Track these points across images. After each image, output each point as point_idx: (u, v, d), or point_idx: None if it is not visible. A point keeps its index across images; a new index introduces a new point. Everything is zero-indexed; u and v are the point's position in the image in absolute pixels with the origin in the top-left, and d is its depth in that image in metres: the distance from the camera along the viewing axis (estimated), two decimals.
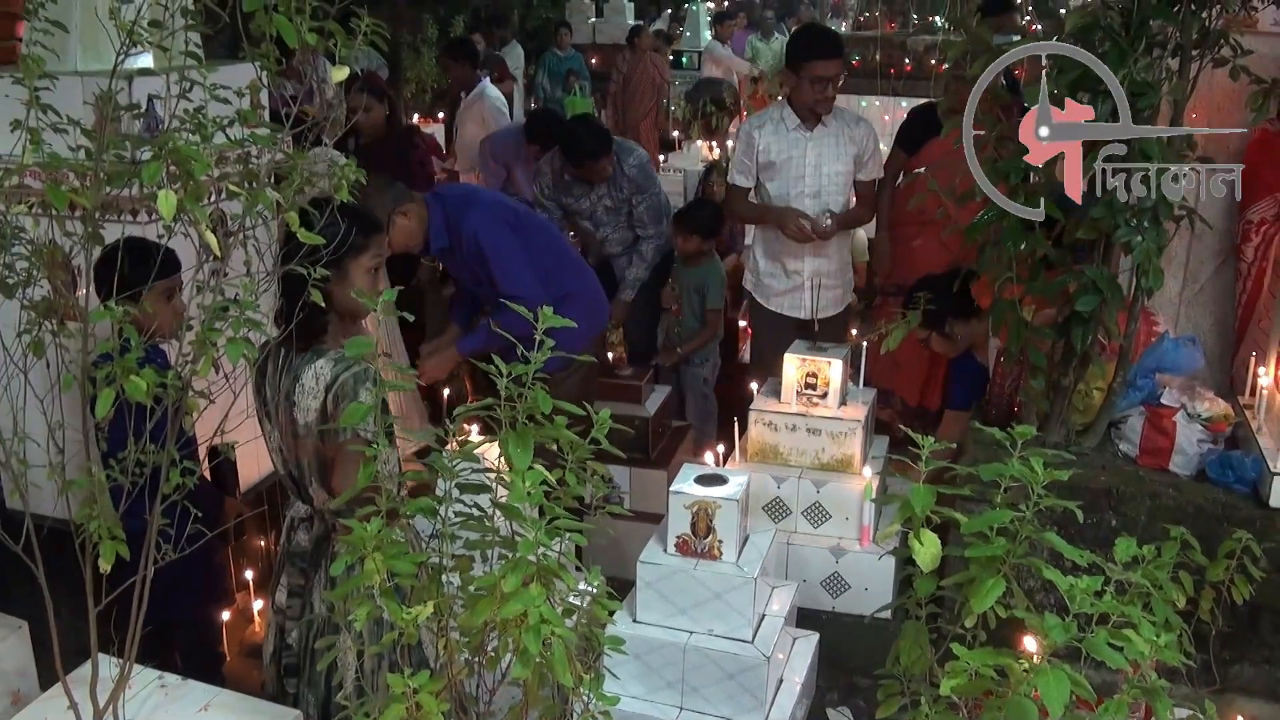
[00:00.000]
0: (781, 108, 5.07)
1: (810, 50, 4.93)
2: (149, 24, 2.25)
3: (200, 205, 2.14)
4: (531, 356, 1.90)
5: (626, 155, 5.96)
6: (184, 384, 2.30)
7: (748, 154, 5.06)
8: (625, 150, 5.99)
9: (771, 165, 5.00)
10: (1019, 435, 1.45)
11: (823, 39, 5.15)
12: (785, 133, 4.99)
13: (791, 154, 4.99)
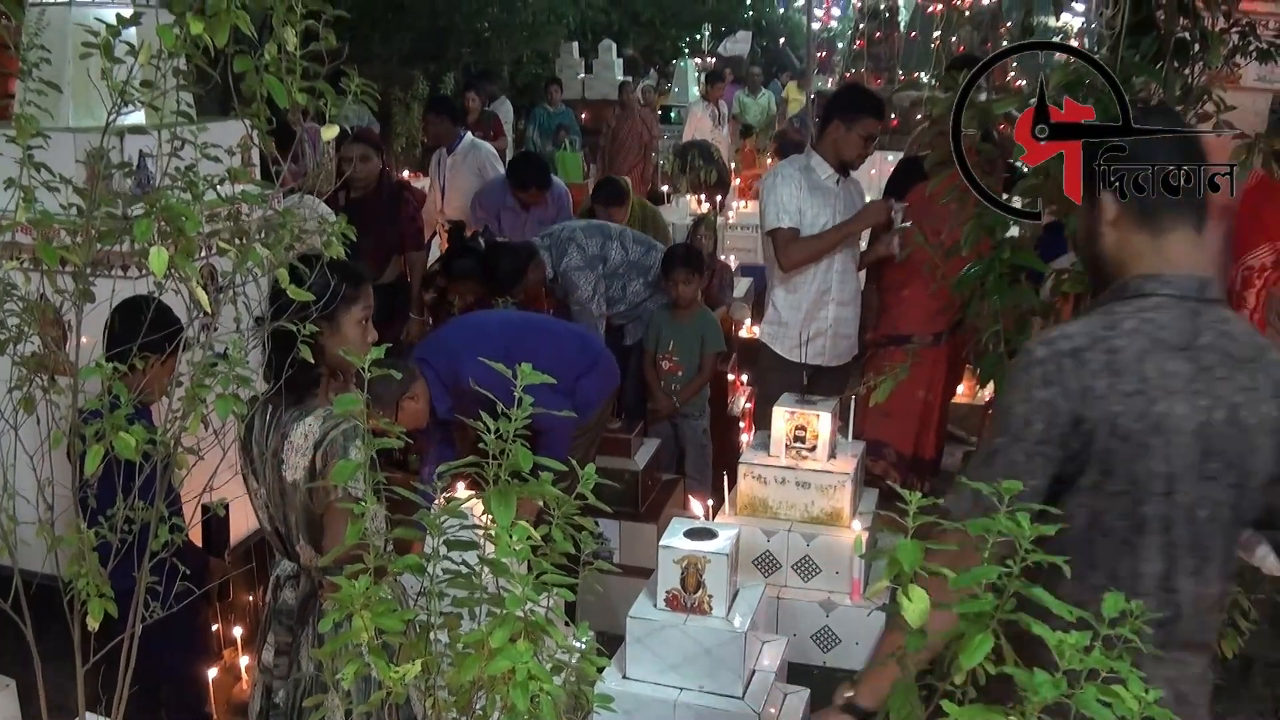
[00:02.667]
0: (809, 157, 5.18)
1: (868, 108, 5.11)
2: (140, 84, 2.27)
3: (191, 262, 2.15)
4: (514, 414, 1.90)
5: (560, 259, 5.96)
6: (173, 440, 2.30)
7: (791, 195, 5.09)
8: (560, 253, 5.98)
9: (801, 212, 5.07)
10: (1006, 490, 1.45)
11: (875, 99, 5.40)
12: (818, 182, 5.09)
13: (823, 203, 5.07)
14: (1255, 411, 2.03)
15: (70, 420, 2.26)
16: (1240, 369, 2.04)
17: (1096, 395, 2.01)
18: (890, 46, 15.13)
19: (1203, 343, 2.04)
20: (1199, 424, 2.01)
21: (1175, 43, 3.44)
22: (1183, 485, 2.02)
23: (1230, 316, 2.12)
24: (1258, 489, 2.08)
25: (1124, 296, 2.12)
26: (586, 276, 5.89)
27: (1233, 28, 3.62)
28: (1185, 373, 2.02)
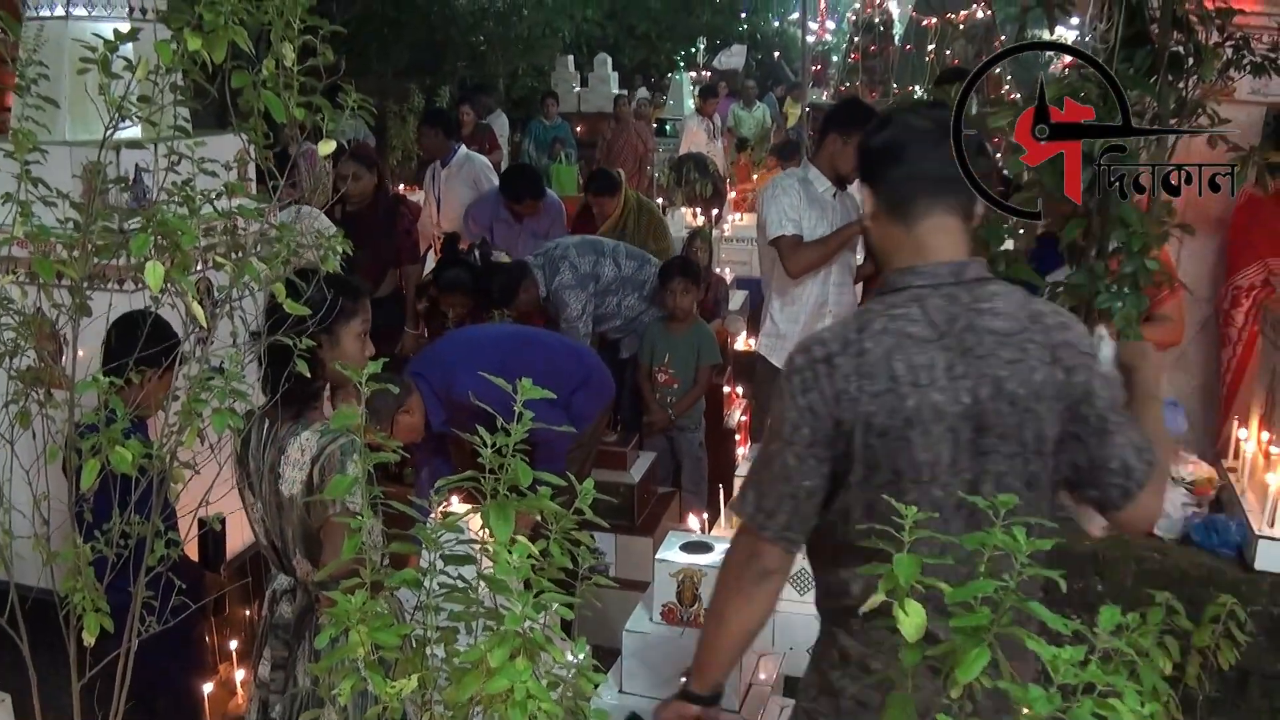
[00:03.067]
0: (806, 170, 5.19)
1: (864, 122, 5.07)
2: (138, 99, 2.27)
3: (187, 277, 2.15)
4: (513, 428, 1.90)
5: (552, 277, 5.96)
6: (169, 454, 2.30)
7: (792, 205, 5.09)
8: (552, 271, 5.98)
9: (798, 222, 5.07)
10: (1001, 504, 1.45)
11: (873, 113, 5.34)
12: (815, 194, 5.09)
13: (821, 215, 5.08)
14: (1026, 381, 2.09)
15: (66, 434, 2.26)
16: (1005, 344, 2.10)
17: (850, 398, 2.09)
18: (885, 60, 15.19)
19: (960, 327, 2.11)
20: (964, 406, 2.08)
21: (1169, 56, 3.45)
22: (955, 467, 2.09)
23: (999, 292, 2.17)
24: (1048, 453, 2.13)
25: (883, 292, 2.20)
26: (577, 295, 5.89)
27: (1226, 41, 3.63)
28: (940, 362, 2.09)
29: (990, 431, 2.09)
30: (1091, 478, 2.16)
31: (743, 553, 2.27)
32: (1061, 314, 2.23)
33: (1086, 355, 2.16)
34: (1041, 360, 2.11)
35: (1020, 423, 2.10)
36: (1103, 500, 2.18)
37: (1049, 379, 2.11)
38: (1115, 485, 2.14)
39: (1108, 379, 2.21)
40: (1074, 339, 2.16)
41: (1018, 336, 2.12)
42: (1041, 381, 2.10)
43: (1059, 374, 2.11)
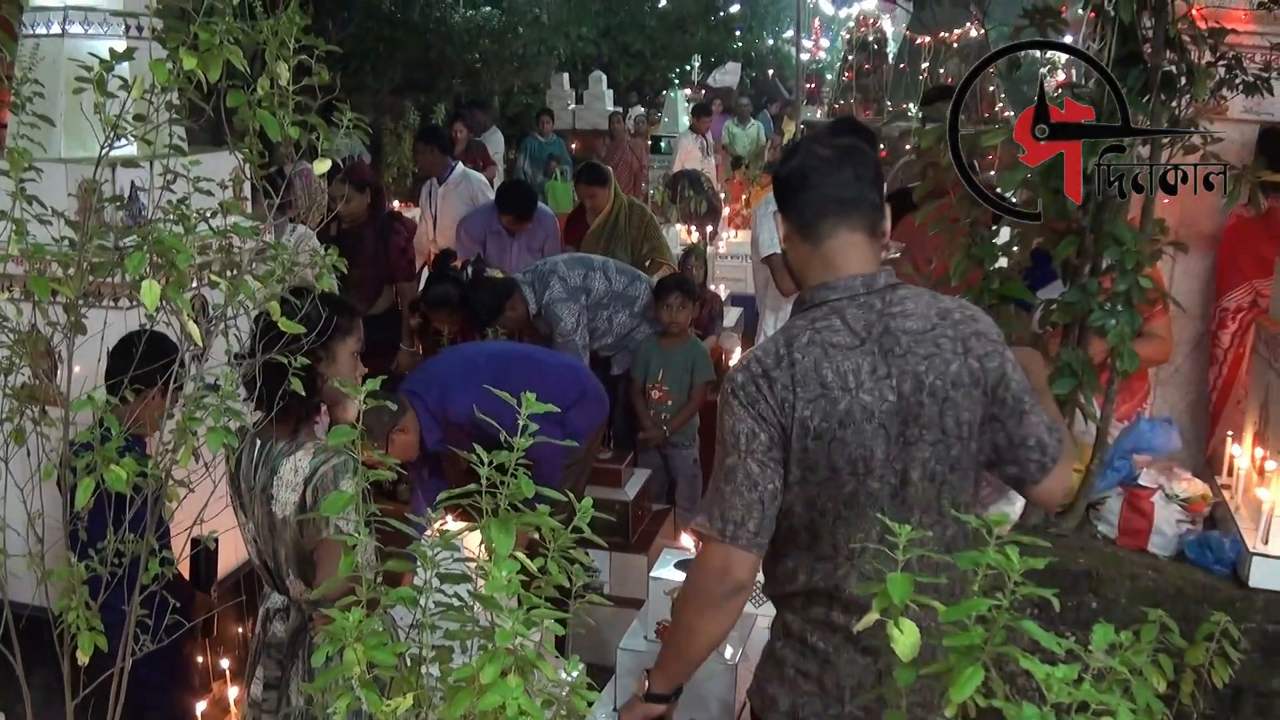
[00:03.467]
0: None
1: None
2: (134, 118, 2.28)
3: (183, 295, 2.16)
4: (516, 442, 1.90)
5: (542, 292, 5.96)
6: (164, 473, 2.30)
7: None
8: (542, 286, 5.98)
9: None
10: (994, 523, 1.46)
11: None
12: None
13: None
14: (943, 374, 2.28)
15: (61, 452, 2.26)
16: (920, 341, 2.29)
17: (789, 406, 2.28)
18: (879, 78, 15.24)
19: (878, 331, 2.30)
20: (890, 403, 2.27)
21: (1162, 76, 3.47)
22: (888, 460, 2.28)
23: (908, 295, 2.36)
24: (970, 437, 2.31)
25: (804, 309, 2.39)
26: (569, 308, 5.89)
27: (1219, 61, 3.64)
28: (865, 366, 2.28)
29: (915, 423, 2.28)
30: (1011, 455, 2.35)
31: (716, 567, 2.36)
32: (968, 308, 2.40)
33: (996, 343, 2.35)
34: (955, 353, 2.30)
35: (940, 412, 2.28)
36: (1022, 475, 2.37)
37: (963, 369, 2.29)
38: (1033, 460, 2.34)
39: (1016, 364, 2.37)
40: (983, 329, 2.35)
41: (930, 333, 2.30)
42: (957, 372, 2.29)
43: (973, 363, 2.30)
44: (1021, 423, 2.33)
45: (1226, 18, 4.02)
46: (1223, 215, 4.32)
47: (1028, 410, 2.33)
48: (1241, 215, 3.88)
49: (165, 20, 2.24)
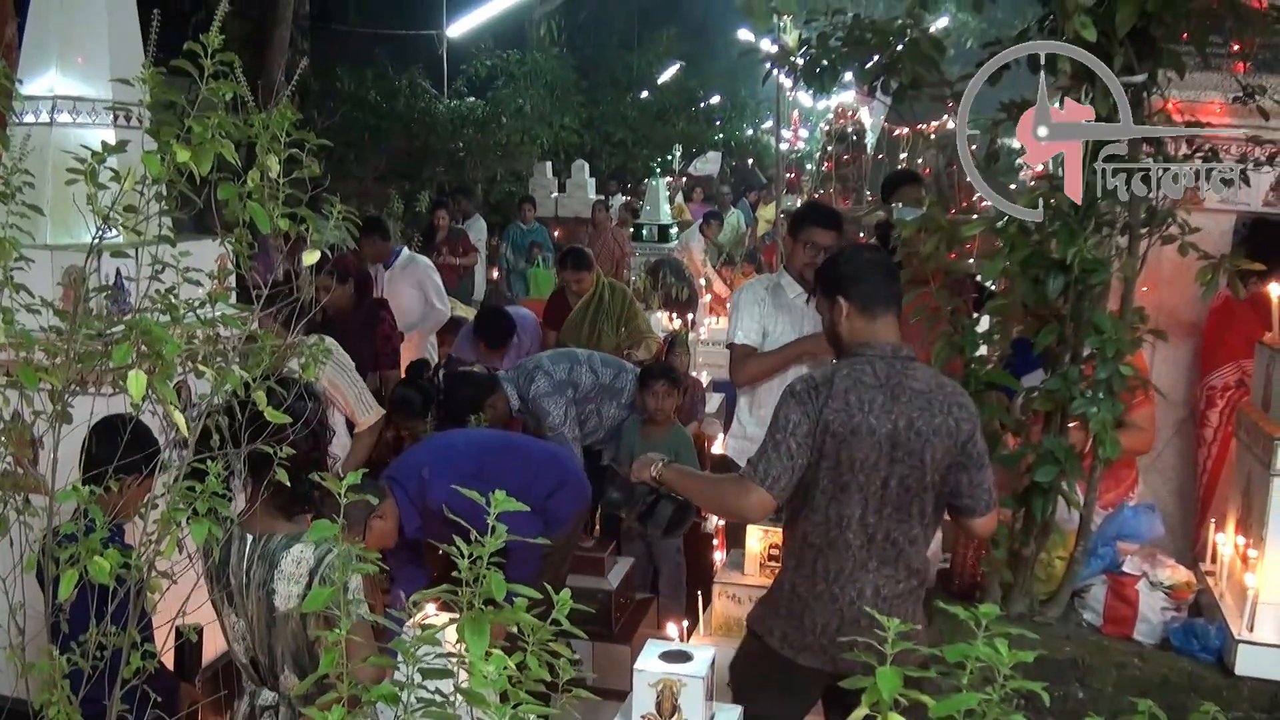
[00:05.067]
0: (780, 275, 5.17)
1: (809, 219, 5.14)
2: (124, 209, 2.29)
3: (169, 386, 2.15)
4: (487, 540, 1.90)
5: (527, 388, 5.97)
6: (147, 564, 2.29)
7: (756, 315, 5.08)
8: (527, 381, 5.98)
9: (766, 334, 5.06)
10: (983, 615, 1.46)
11: (821, 211, 5.51)
12: (785, 301, 5.06)
13: (789, 321, 5.06)
14: (929, 423, 3.22)
15: (45, 543, 2.24)
16: (918, 396, 3.24)
17: (825, 411, 3.23)
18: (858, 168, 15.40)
19: (894, 382, 3.25)
20: (888, 430, 3.21)
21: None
22: (876, 466, 3.22)
23: (919, 367, 3.33)
24: (940, 472, 3.24)
25: (848, 358, 3.36)
26: (555, 401, 5.88)
27: (1195, 153, 3.71)
28: (880, 400, 3.22)
29: (901, 448, 3.22)
30: (970, 492, 3.29)
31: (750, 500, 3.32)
32: (958, 387, 3.37)
33: (972, 414, 3.28)
34: (941, 412, 3.24)
35: (921, 447, 3.22)
36: (974, 507, 3.32)
37: (944, 423, 3.23)
38: (982, 500, 3.31)
39: (981, 433, 3.30)
40: (964, 403, 3.30)
41: (928, 394, 3.25)
42: (939, 424, 3.22)
43: (951, 422, 3.23)
44: (982, 472, 3.29)
45: (1202, 111, 4.11)
46: (1204, 303, 4.36)
47: (985, 466, 3.30)
48: (1229, 294, 3.93)
49: (155, 113, 2.26)
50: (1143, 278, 3.82)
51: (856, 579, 3.29)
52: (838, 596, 3.32)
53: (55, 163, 4.03)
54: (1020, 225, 3.58)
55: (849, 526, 3.27)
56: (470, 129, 18.45)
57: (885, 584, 3.31)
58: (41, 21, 4.37)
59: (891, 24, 4.03)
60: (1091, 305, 3.60)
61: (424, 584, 4.60)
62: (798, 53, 4.21)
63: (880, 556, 3.29)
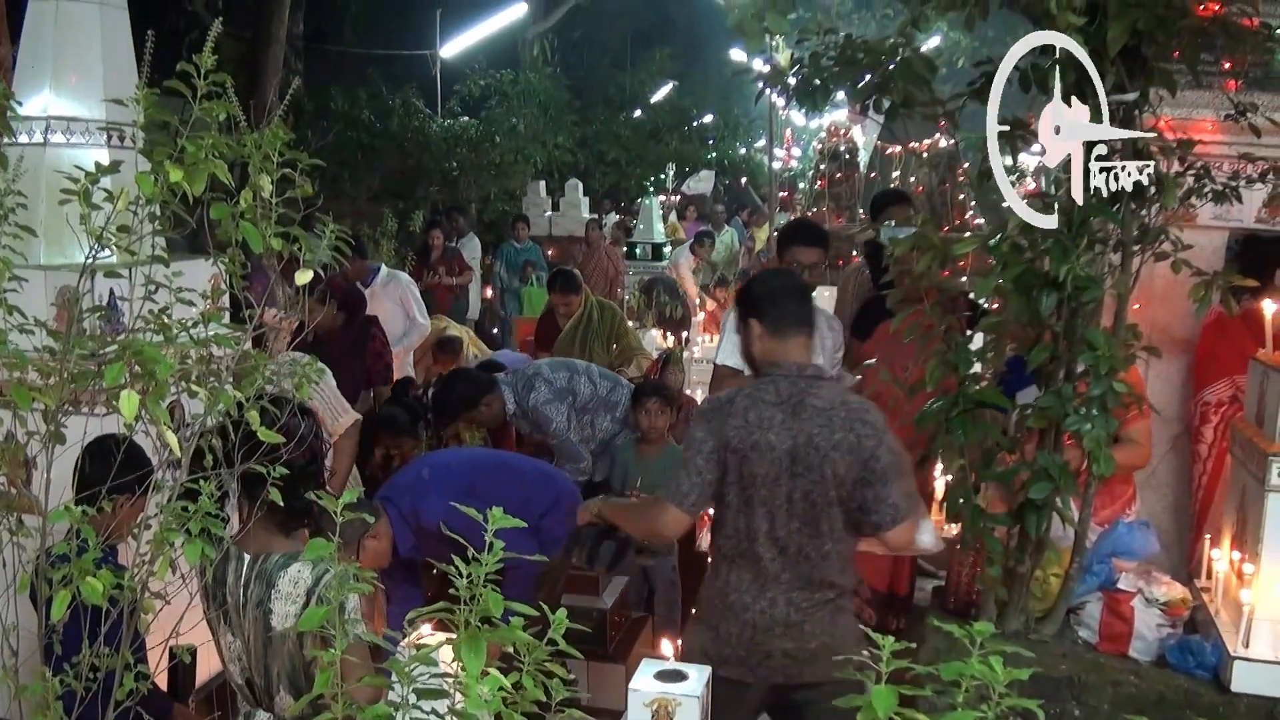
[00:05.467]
0: None
1: (793, 238, 5.21)
2: (118, 229, 2.29)
3: (161, 406, 2.15)
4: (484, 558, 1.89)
5: (526, 394, 5.95)
6: (140, 585, 2.28)
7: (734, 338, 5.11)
8: (526, 388, 5.97)
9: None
10: (978, 633, 1.46)
11: (805, 229, 5.58)
12: None
13: None
14: (828, 439, 3.35)
15: (38, 564, 2.23)
16: (819, 414, 3.37)
17: (725, 429, 3.41)
18: (851, 186, 15.41)
19: (795, 400, 3.40)
20: (788, 446, 3.36)
21: (1132, 185, 3.53)
22: (778, 481, 3.37)
23: (824, 386, 3.50)
24: (846, 488, 3.37)
25: (757, 378, 3.55)
26: (556, 408, 5.88)
27: (1187, 171, 3.72)
28: (779, 418, 3.38)
29: (801, 463, 3.36)
30: (875, 508, 3.39)
31: (664, 517, 3.54)
32: (866, 404, 3.50)
33: (875, 429, 3.38)
34: (842, 427, 3.36)
35: (820, 462, 3.35)
36: (879, 523, 3.40)
37: (844, 439, 3.35)
38: (887, 515, 3.39)
39: (890, 447, 3.39)
40: (868, 419, 3.41)
41: (829, 411, 3.38)
42: (840, 439, 3.35)
43: (852, 438, 3.35)
44: (885, 488, 3.37)
45: (1193, 128, 4.12)
46: (1197, 318, 4.37)
47: (890, 481, 3.38)
48: (1221, 311, 3.94)
49: (148, 133, 2.26)
50: (1136, 294, 3.82)
51: (769, 590, 3.43)
52: (749, 606, 3.46)
53: (49, 183, 4.03)
54: (1013, 243, 3.58)
55: (758, 539, 3.42)
56: (464, 148, 18.47)
57: (798, 595, 3.44)
58: (35, 42, 4.38)
59: (883, 43, 4.03)
60: (1085, 322, 3.60)
61: (419, 603, 4.58)
62: (790, 72, 4.22)
63: (794, 570, 3.43)
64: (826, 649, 3.40)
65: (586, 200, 19.09)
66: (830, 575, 3.45)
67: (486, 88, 20.83)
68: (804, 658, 3.44)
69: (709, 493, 3.47)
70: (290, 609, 2.88)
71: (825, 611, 3.46)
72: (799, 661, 3.45)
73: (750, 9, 3.86)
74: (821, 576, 3.44)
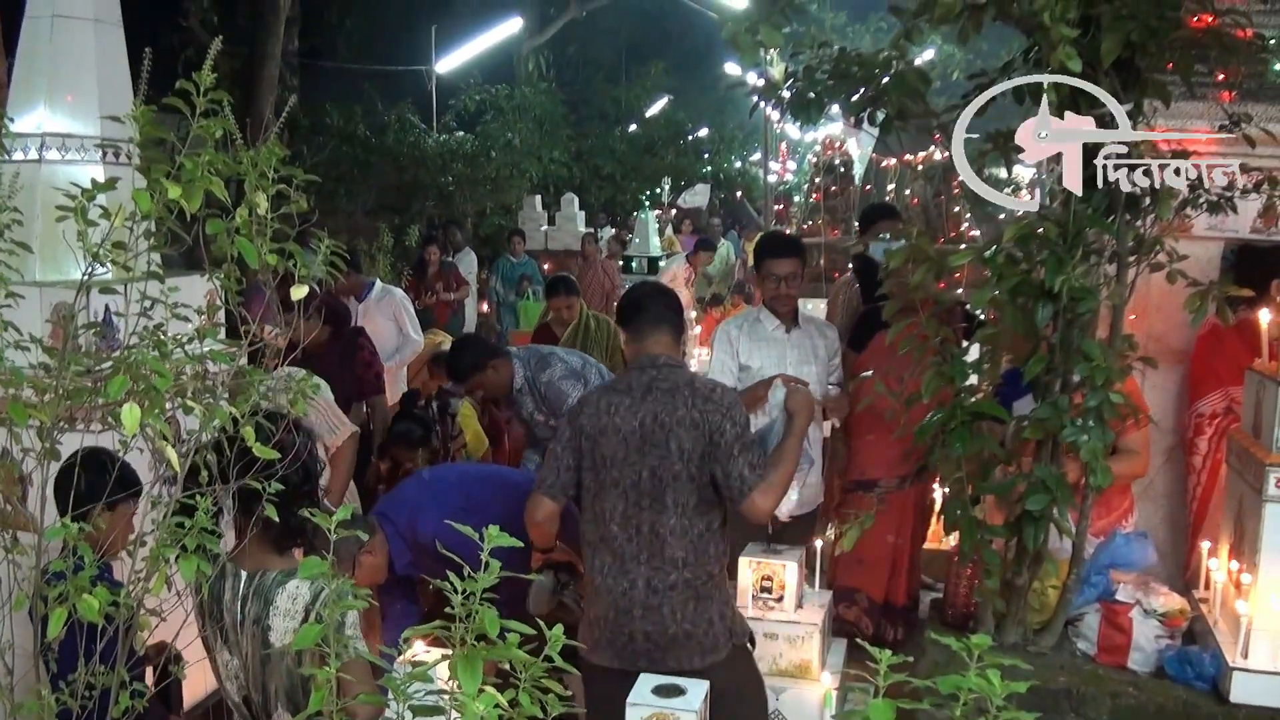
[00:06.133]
0: (759, 310, 5.21)
1: (768, 250, 5.18)
2: (113, 245, 2.28)
3: (161, 419, 2.15)
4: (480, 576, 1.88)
5: (540, 371, 5.94)
6: (136, 602, 2.27)
7: (728, 353, 5.12)
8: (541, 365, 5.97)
9: (748, 368, 5.08)
10: (975, 645, 1.45)
11: (778, 240, 5.56)
12: (765, 334, 5.10)
13: (770, 354, 5.07)
14: (672, 415, 3.51)
15: (35, 581, 2.23)
16: (665, 395, 3.54)
17: (580, 418, 3.65)
18: (846, 199, 15.41)
19: (644, 385, 3.60)
20: (634, 426, 3.54)
21: (1126, 196, 3.53)
22: (628, 460, 3.53)
23: (674, 371, 3.64)
24: (694, 463, 3.49)
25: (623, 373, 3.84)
26: (573, 385, 5.81)
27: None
28: (627, 403, 3.58)
29: (648, 442, 3.53)
30: (724, 481, 3.47)
31: (531, 505, 3.71)
32: (712, 385, 3.65)
33: (719, 406, 3.51)
34: (684, 405, 3.52)
35: (666, 438, 3.51)
36: (731, 496, 3.47)
37: (687, 415, 3.50)
38: (735, 488, 3.46)
39: (736, 421, 3.50)
40: (714, 397, 3.54)
41: (673, 392, 3.55)
42: (681, 416, 3.51)
43: (696, 414, 3.50)
44: (730, 462, 3.46)
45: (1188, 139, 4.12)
46: (1193, 329, 4.36)
47: (736, 455, 3.46)
48: (1215, 321, 3.93)
49: (145, 150, 2.26)
50: (1131, 305, 3.83)
51: (629, 571, 3.55)
52: (611, 589, 3.58)
53: (44, 200, 4.03)
54: (1008, 255, 3.59)
55: (613, 520, 3.56)
56: (459, 163, 18.50)
57: (655, 576, 3.54)
58: (31, 59, 4.39)
59: (877, 56, 4.05)
60: (1080, 333, 3.61)
61: (415, 620, 4.58)
62: (784, 86, 4.22)
63: (649, 549, 3.54)
64: (688, 636, 3.53)
65: (582, 214, 19.09)
66: (679, 552, 3.53)
67: (482, 102, 20.87)
68: (664, 643, 3.52)
69: (569, 479, 3.65)
70: (289, 625, 2.86)
71: (684, 594, 3.53)
72: (660, 646, 3.53)
73: (744, 23, 3.87)
74: (672, 554, 3.52)
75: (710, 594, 3.58)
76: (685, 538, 3.53)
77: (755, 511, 3.49)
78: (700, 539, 3.55)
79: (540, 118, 21.60)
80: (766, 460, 3.56)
